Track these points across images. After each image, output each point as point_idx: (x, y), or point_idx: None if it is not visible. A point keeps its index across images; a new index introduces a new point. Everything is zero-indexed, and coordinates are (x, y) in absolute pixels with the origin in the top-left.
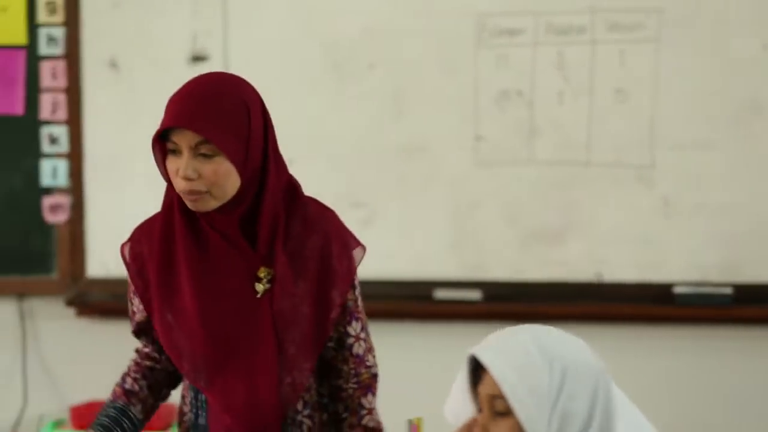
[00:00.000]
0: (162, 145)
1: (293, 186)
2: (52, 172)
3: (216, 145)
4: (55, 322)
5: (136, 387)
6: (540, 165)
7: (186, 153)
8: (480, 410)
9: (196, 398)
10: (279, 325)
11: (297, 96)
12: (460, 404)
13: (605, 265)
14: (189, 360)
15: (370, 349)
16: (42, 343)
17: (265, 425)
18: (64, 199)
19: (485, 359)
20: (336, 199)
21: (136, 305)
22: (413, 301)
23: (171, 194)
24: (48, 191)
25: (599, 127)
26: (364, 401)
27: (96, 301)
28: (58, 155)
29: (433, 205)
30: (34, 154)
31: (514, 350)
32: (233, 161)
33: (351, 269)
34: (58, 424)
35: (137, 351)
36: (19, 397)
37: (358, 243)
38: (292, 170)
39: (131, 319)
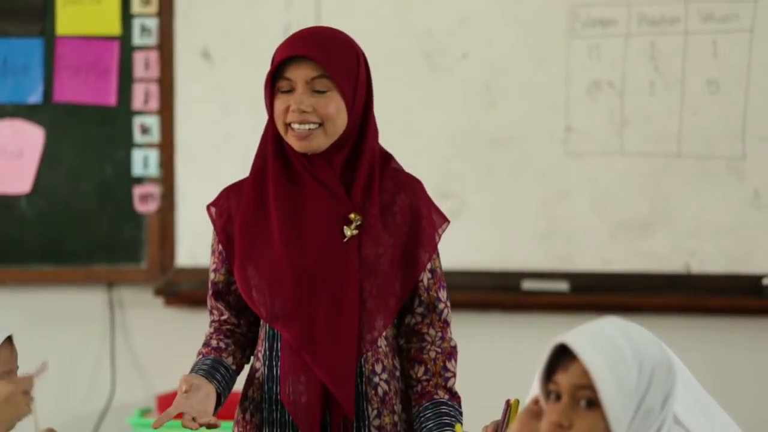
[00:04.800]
0: (270, 90)
1: (386, 152)
2: (144, 161)
3: (332, 77)
4: (144, 311)
5: (222, 345)
6: (630, 156)
7: (300, 87)
8: (555, 399)
9: (270, 349)
10: (362, 271)
11: (389, 86)
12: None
13: (694, 256)
14: (269, 300)
15: (450, 322)
16: (130, 332)
17: (341, 369)
18: (155, 189)
19: (578, 348)
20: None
21: (216, 262)
22: (500, 292)
23: (264, 150)
24: (139, 181)
25: (690, 118)
26: (448, 365)
27: (184, 291)
28: (150, 145)
29: (522, 196)
30: (126, 144)
31: (606, 344)
32: (345, 99)
33: (436, 235)
34: (144, 412)
35: (213, 322)
36: (107, 385)
37: (443, 215)
38: None
39: (209, 281)
